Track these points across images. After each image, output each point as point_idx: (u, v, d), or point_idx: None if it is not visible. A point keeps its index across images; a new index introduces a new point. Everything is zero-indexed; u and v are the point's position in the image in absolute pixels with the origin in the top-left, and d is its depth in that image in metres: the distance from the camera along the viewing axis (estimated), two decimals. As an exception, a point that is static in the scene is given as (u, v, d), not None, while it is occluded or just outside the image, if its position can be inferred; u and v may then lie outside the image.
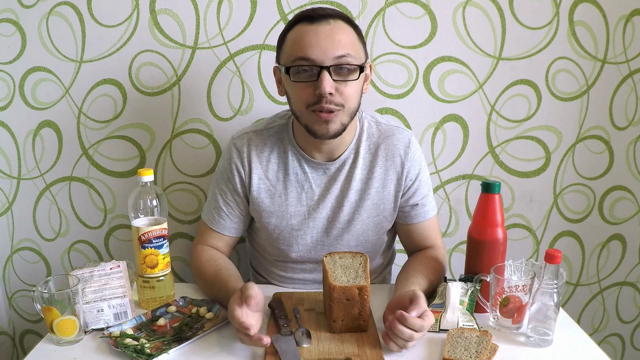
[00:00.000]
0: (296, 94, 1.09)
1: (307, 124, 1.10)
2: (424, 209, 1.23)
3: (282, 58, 1.11)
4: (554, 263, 0.95)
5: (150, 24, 1.37)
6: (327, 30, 1.05)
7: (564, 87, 1.44)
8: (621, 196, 1.54)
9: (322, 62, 1.04)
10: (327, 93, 1.04)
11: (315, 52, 1.04)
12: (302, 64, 1.05)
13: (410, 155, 1.20)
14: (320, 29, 1.05)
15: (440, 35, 1.39)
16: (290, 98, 1.12)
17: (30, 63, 1.41)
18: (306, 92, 1.06)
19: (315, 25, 1.06)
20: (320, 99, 1.05)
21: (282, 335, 0.99)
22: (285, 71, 1.08)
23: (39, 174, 1.49)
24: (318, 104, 1.06)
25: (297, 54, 1.06)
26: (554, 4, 1.38)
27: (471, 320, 1.04)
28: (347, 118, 1.10)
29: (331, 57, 1.04)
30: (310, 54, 1.04)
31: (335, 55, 1.04)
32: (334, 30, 1.05)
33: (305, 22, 1.07)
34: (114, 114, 1.44)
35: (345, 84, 1.06)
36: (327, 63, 1.04)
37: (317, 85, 1.05)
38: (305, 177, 1.19)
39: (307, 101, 1.07)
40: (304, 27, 1.07)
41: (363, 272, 1.02)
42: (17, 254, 1.56)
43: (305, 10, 1.11)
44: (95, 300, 1.05)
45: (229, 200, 1.22)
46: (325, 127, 1.08)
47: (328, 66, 1.04)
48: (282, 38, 1.12)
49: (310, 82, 1.06)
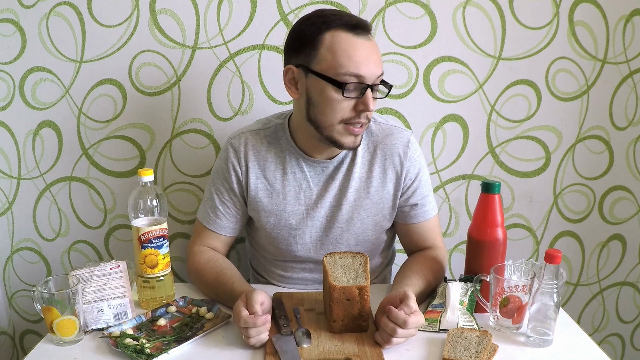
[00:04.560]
0: (334, 107, 1.06)
1: (334, 136, 1.09)
2: (423, 209, 1.23)
3: (320, 64, 1.05)
4: (554, 263, 0.95)
5: (150, 24, 1.37)
6: (373, 47, 1.06)
7: (564, 87, 1.44)
8: (621, 196, 1.54)
9: (371, 81, 1.06)
10: (372, 110, 1.07)
11: (367, 70, 1.04)
12: (353, 81, 1.04)
13: (409, 154, 1.20)
14: (367, 45, 1.05)
15: (440, 35, 1.39)
16: (320, 108, 1.08)
17: (30, 63, 1.41)
18: (345, 107, 1.06)
19: (361, 38, 1.05)
20: (359, 115, 1.07)
21: (282, 335, 0.99)
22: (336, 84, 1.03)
23: (39, 174, 1.49)
24: (356, 119, 1.07)
25: (348, 68, 1.03)
26: (554, 4, 1.38)
27: (471, 320, 1.04)
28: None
29: (376, 75, 1.06)
30: (363, 72, 1.03)
31: (378, 75, 1.07)
32: (375, 47, 1.07)
33: (347, 30, 1.04)
34: (114, 114, 1.44)
35: (376, 100, 1.09)
36: (373, 81, 1.06)
37: (362, 102, 1.06)
38: (303, 175, 1.19)
39: (344, 116, 1.07)
40: (350, 38, 1.03)
41: (363, 272, 1.02)
42: (17, 254, 1.56)
43: (340, 14, 1.07)
44: (95, 300, 1.05)
45: (225, 199, 1.22)
46: (354, 140, 1.11)
47: (372, 85, 1.06)
48: (313, 39, 1.05)
49: (354, 98, 1.06)
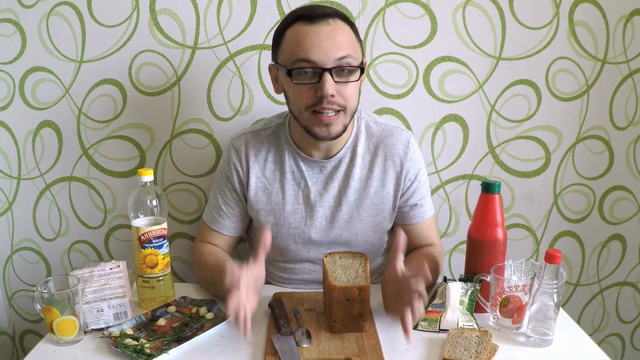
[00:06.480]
0: (296, 96, 1.08)
1: (307, 126, 1.10)
2: (422, 209, 1.24)
3: (281, 57, 1.10)
4: (554, 263, 0.95)
5: (150, 24, 1.37)
6: (328, 31, 1.05)
7: (564, 87, 1.44)
8: (621, 196, 1.54)
9: (324, 64, 1.04)
10: (329, 95, 1.04)
11: (317, 53, 1.03)
12: (303, 66, 1.05)
13: (409, 155, 1.20)
14: (321, 30, 1.04)
15: (440, 35, 1.39)
16: (289, 99, 1.12)
17: (30, 63, 1.41)
18: (306, 94, 1.06)
19: (315, 25, 1.05)
20: (321, 100, 1.05)
21: (282, 335, 0.99)
22: (286, 73, 1.08)
23: (39, 174, 1.49)
24: (319, 104, 1.06)
25: (298, 55, 1.05)
26: (554, 4, 1.38)
27: (471, 320, 1.05)
28: (348, 119, 1.10)
29: (333, 58, 1.04)
30: (312, 56, 1.04)
31: (337, 57, 1.04)
32: (334, 31, 1.05)
33: (304, 21, 1.06)
34: (114, 114, 1.44)
35: (346, 85, 1.06)
36: (328, 65, 1.04)
37: (318, 87, 1.04)
38: (301, 175, 1.20)
39: (307, 103, 1.07)
40: (304, 27, 1.06)
41: (363, 272, 1.02)
42: (17, 254, 1.56)
43: (303, 9, 1.10)
44: (95, 300, 1.06)
45: (228, 199, 1.23)
46: (327, 130, 1.09)
47: (330, 68, 1.04)
48: (279, 36, 1.10)
49: (312, 84, 1.06)
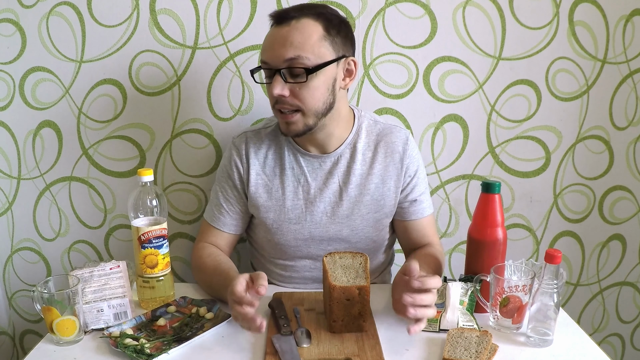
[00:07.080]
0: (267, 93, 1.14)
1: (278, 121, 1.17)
2: (421, 205, 1.25)
3: None
4: (554, 263, 0.95)
5: (150, 24, 1.37)
6: (284, 33, 1.07)
7: (564, 87, 1.44)
8: (621, 196, 1.54)
9: (276, 65, 1.08)
10: (276, 95, 1.08)
11: (269, 55, 1.09)
12: (262, 67, 1.12)
13: (408, 152, 1.22)
14: (278, 31, 1.08)
15: (440, 35, 1.39)
16: None
17: (30, 63, 1.41)
18: (269, 93, 1.11)
19: (277, 27, 1.10)
20: (275, 100, 1.10)
21: (282, 335, 0.99)
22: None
23: (39, 174, 1.49)
24: (276, 104, 1.11)
25: (260, 56, 1.12)
26: (554, 4, 1.38)
27: (471, 320, 1.05)
28: (311, 119, 1.12)
29: (281, 59, 1.07)
30: (265, 57, 1.10)
31: (285, 58, 1.06)
32: (290, 32, 1.07)
33: (273, 24, 1.11)
34: (114, 114, 1.44)
35: (299, 85, 1.08)
36: (280, 66, 1.07)
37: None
38: (301, 170, 1.21)
39: (271, 101, 1.13)
40: (270, 29, 1.12)
41: (363, 272, 1.02)
42: (17, 254, 1.56)
43: (275, 11, 1.13)
44: (95, 300, 1.05)
45: (229, 196, 1.24)
46: (286, 127, 1.14)
47: (280, 69, 1.07)
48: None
49: (266, 83, 1.13)
